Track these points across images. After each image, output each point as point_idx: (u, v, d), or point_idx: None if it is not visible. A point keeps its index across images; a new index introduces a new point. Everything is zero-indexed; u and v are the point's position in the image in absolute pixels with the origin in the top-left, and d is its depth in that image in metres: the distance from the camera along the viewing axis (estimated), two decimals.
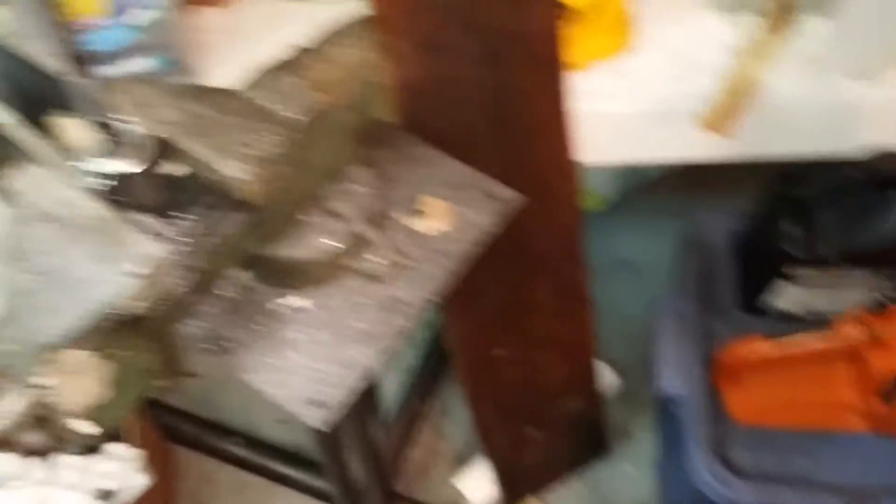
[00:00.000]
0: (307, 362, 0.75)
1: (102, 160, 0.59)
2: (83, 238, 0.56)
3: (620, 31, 1.24)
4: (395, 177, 0.86)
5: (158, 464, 1.37)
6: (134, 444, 1.40)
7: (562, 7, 1.14)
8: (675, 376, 1.33)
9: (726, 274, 1.48)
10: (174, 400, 1.62)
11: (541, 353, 1.35)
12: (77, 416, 0.60)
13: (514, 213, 0.86)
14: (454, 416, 1.71)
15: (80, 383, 0.59)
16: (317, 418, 0.71)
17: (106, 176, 0.59)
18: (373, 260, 0.79)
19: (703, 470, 1.26)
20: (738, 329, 1.40)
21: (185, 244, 0.66)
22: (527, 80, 1.14)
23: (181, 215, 0.66)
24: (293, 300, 0.78)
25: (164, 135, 0.62)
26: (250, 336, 0.75)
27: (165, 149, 0.62)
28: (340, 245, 0.77)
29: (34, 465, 1.29)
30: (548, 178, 1.24)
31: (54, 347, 0.56)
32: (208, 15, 1.26)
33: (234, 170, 0.61)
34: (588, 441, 1.56)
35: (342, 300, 0.79)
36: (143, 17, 1.06)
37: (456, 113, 1.12)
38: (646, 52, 1.25)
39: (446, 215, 0.84)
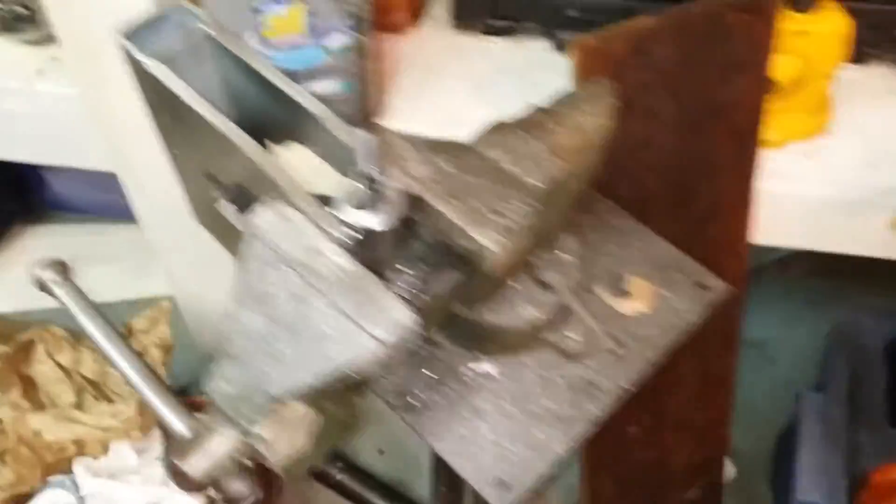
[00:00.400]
0: (495, 437, 0.71)
1: (352, 210, 0.56)
2: (331, 291, 0.53)
3: (821, 112, 1.16)
4: (598, 248, 0.81)
5: (261, 482, 1.36)
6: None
7: (769, 81, 1.08)
8: (814, 486, 1.24)
9: (878, 383, 1.38)
10: None
11: (675, 435, 1.28)
12: (280, 467, 0.57)
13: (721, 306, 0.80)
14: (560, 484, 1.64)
15: (290, 436, 0.56)
16: (503, 501, 0.67)
17: (354, 228, 0.56)
18: (572, 337, 0.75)
19: None
20: (888, 445, 1.30)
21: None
22: (721, 152, 1.08)
23: (406, 270, 0.63)
24: (485, 366, 0.74)
25: (416, 192, 0.59)
26: (439, 398, 0.72)
27: (415, 206, 0.58)
28: (544, 317, 0.73)
29: (152, 464, 1.29)
30: (720, 258, 1.16)
31: (280, 399, 0.54)
32: (387, 41, 1.25)
33: (486, 239, 0.57)
34: None
35: (533, 374, 0.74)
36: (338, 40, 1.04)
37: (642, 179, 1.07)
38: (842, 136, 1.18)
39: (649, 297, 0.79)
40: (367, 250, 0.57)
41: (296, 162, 0.65)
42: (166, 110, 0.67)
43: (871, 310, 1.45)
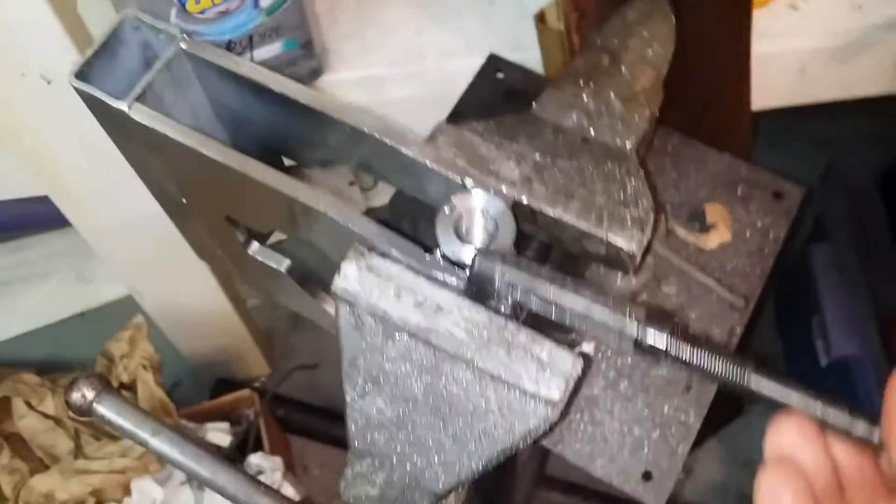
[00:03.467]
0: (619, 425, 0.64)
1: (454, 241, 0.45)
2: (472, 355, 0.43)
3: None
4: (664, 179, 0.73)
5: (283, 454, 1.28)
6: (269, 441, 1.31)
7: None
8: (848, 339, 1.25)
9: (879, 217, 1.38)
10: (287, 390, 1.51)
11: None
12: None
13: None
14: None
15: None
16: (654, 498, 0.61)
17: (461, 264, 0.45)
18: (668, 291, 0.67)
19: None
20: None
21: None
22: (714, 33, 0.99)
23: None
24: (583, 346, 0.66)
25: (520, 199, 0.48)
26: None
27: (521, 215, 0.48)
28: (641, 281, 0.64)
29: (179, 490, 1.19)
30: (724, 139, 1.10)
31: (445, 494, 0.45)
32: None
33: (624, 240, 0.48)
34: (728, 402, 1.49)
35: None
36: None
37: None
38: None
39: (729, 223, 0.72)
40: (480, 285, 0.47)
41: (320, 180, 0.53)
42: (158, 156, 0.53)
43: (856, 148, 1.43)
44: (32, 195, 1.08)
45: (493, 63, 0.81)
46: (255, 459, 1.25)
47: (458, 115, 0.75)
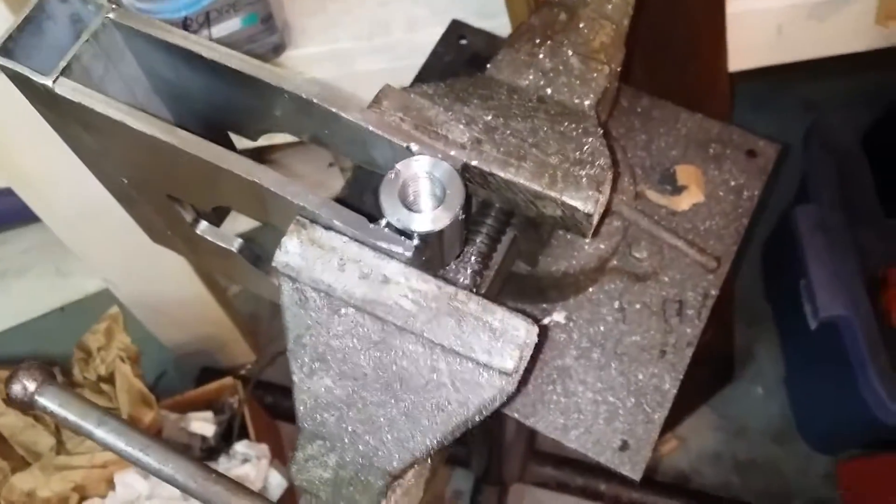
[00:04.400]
0: (593, 395, 0.62)
1: (401, 210, 0.43)
2: (421, 327, 0.41)
3: None
4: (632, 144, 0.70)
5: (271, 441, 1.27)
6: (254, 429, 1.29)
7: None
8: (835, 299, 1.23)
9: (864, 177, 1.36)
10: (274, 377, 1.49)
11: None
12: None
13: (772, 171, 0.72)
14: None
15: (412, 500, 0.46)
16: (631, 468, 0.59)
17: (407, 233, 0.43)
18: (639, 256, 0.65)
19: (879, 389, 1.18)
20: (892, 238, 1.30)
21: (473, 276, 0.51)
22: None
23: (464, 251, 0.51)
24: (554, 316, 0.64)
25: (473, 163, 0.45)
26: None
27: (472, 179, 0.45)
28: (611, 246, 0.62)
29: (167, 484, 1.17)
30: (703, 96, 1.08)
31: (400, 472, 0.43)
32: None
33: (581, 201, 0.45)
34: (718, 369, 1.48)
35: (607, 309, 0.65)
36: None
37: None
38: None
39: (700, 183, 0.69)
40: (426, 254, 0.44)
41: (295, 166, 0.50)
42: (93, 134, 0.50)
43: (840, 107, 1.41)
44: None
45: (456, 29, 0.78)
46: (240, 448, 1.23)
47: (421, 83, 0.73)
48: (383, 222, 0.43)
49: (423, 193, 0.44)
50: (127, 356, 1.22)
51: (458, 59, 0.74)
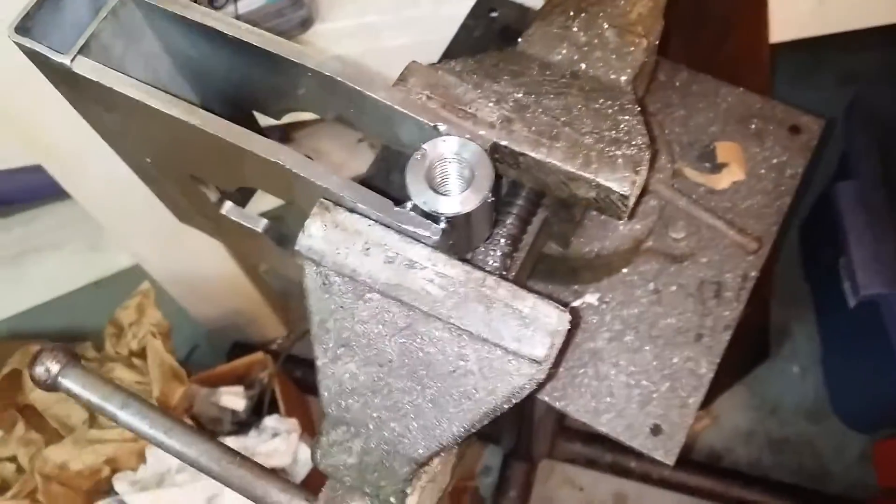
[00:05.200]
0: (626, 378, 0.60)
1: (428, 192, 0.41)
2: (449, 313, 0.39)
3: None
4: (671, 120, 0.68)
5: (300, 416, 1.27)
6: (284, 404, 1.30)
7: None
8: (875, 278, 1.20)
9: None
10: (304, 351, 1.49)
11: None
12: None
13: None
14: None
15: (438, 486, 0.45)
16: (664, 453, 0.57)
17: (434, 216, 0.41)
18: (677, 236, 0.63)
19: None
20: None
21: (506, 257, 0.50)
22: None
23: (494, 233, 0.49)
24: (587, 297, 0.63)
25: (503, 143, 0.44)
26: None
27: (503, 159, 0.44)
28: (647, 227, 0.60)
29: None
30: (742, 71, 1.04)
31: (426, 460, 0.42)
32: None
33: (618, 182, 0.43)
34: (753, 348, 1.45)
35: (642, 291, 0.63)
36: None
37: None
38: None
39: (741, 161, 0.67)
40: (453, 237, 0.43)
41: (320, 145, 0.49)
42: (114, 114, 0.49)
43: (881, 81, 1.35)
44: (27, 164, 1.06)
45: (486, 1, 0.76)
46: (270, 422, 1.24)
47: (449, 59, 0.71)
48: (409, 205, 0.41)
49: (451, 175, 0.42)
50: (158, 331, 1.23)
51: (489, 33, 0.72)
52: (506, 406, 0.40)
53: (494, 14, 0.73)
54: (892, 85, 1.34)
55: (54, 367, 0.47)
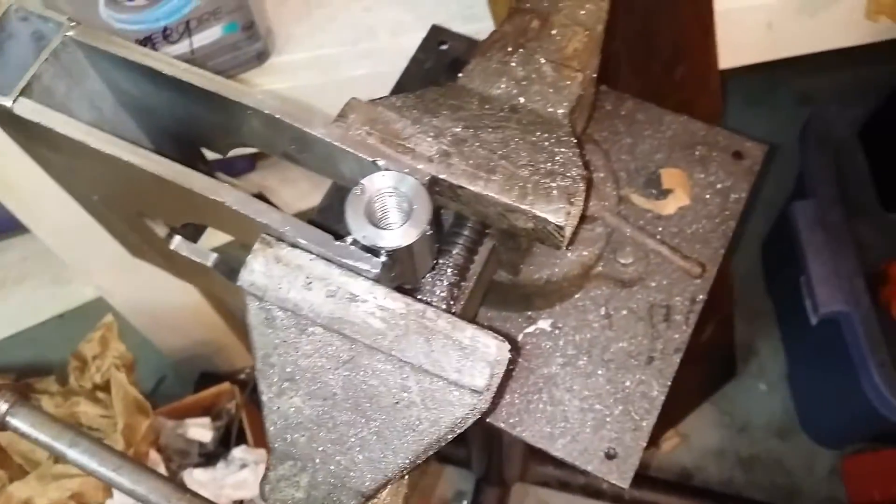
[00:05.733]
0: (580, 402, 0.61)
1: (367, 226, 0.42)
2: (390, 345, 0.40)
3: None
4: (615, 148, 0.69)
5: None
6: (252, 434, 1.29)
7: None
8: (834, 295, 1.22)
9: (862, 171, 1.35)
10: None
11: None
12: None
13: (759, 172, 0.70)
14: None
15: None
16: (618, 476, 0.58)
17: (374, 250, 0.42)
18: (625, 262, 0.64)
19: (880, 385, 1.17)
20: (892, 233, 1.28)
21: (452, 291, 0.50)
22: None
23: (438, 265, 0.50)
24: (539, 324, 0.64)
25: (441, 177, 0.45)
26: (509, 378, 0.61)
27: (441, 192, 0.45)
28: (595, 253, 0.61)
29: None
30: (693, 97, 1.07)
31: (373, 493, 0.42)
32: None
33: (553, 214, 0.44)
34: (719, 366, 1.47)
35: (593, 316, 0.64)
36: None
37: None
38: None
39: (686, 187, 0.68)
40: (395, 270, 0.44)
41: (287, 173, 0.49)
42: (58, 154, 0.49)
43: (836, 101, 1.39)
44: None
45: (436, 34, 0.77)
46: (238, 453, 1.23)
47: (400, 91, 0.72)
48: (349, 239, 0.42)
49: (390, 209, 0.43)
50: (122, 364, 1.22)
51: (439, 66, 0.73)
52: (449, 436, 0.41)
53: (444, 47, 0.74)
54: (846, 105, 1.38)
55: (2, 407, 0.46)
